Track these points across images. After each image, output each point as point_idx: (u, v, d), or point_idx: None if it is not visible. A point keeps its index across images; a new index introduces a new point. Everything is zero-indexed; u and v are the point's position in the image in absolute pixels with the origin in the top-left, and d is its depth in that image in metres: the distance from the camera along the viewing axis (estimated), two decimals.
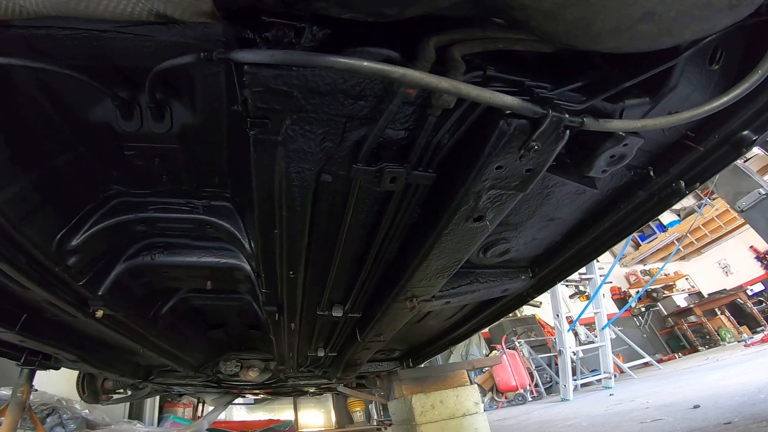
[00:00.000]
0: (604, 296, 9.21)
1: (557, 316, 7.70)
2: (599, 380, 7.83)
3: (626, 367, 8.68)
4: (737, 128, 1.23)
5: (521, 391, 8.62)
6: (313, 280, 1.70)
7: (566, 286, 11.56)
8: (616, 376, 7.74)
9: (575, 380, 7.54)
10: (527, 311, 11.22)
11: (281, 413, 9.43)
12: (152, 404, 7.18)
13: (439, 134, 1.04)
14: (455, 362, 5.00)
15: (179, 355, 2.58)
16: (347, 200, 1.24)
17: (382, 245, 1.48)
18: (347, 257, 1.58)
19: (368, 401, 8.85)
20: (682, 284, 14.62)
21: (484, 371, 9.12)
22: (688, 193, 1.39)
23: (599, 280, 8.61)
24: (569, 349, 7.54)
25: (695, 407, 3.25)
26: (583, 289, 11.70)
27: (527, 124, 0.90)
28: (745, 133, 1.23)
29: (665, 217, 13.42)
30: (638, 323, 13.05)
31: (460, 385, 3.57)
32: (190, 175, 1.43)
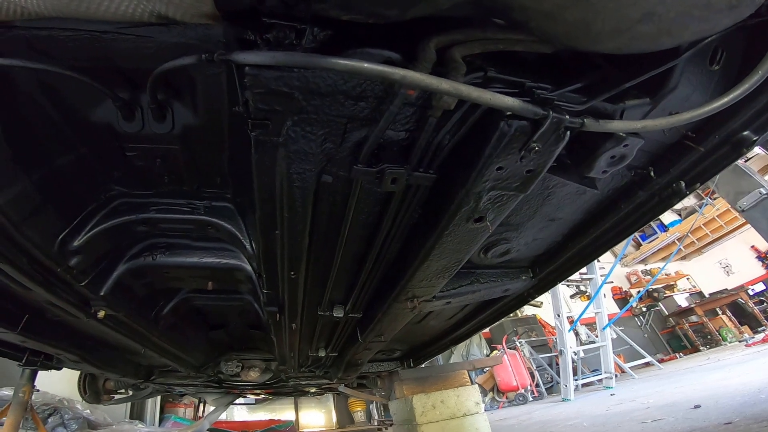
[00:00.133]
0: (605, 296, 9.20)
1: (558, 316, 7.69)
2: (600, 380, 7.82)
3: (627, 367, 8.67)
4: (738, 128, 1.23)
5: (522, 391, 8.61)
6: (314, 280, 1.70)
7: (567, 286, 11.56)
8: (617, 376, 7.73)
9: (576, 380, 7.53)
10: (528, 311, 11.21)
11: (282, 413, 9.42)
12: (153, 404, 7.18)
13: (439, 135, 1.04)
14: (456, 362, 5.00)
15: (180, 355, 2.58)
16: (348, 201, 1.24)
17: (382, 246, 1.49)
18: (348, 258, 1.58)
19: (369, 401, 8.85)
20: (683, 284, 14.59)
21: (485, 371, 9.11)
22: (688, 193, 1.39)
23: (600, 279, 8.60)
24: (570, 349, 7.54)
25: (696, 407, 3.25)
26: (584, 289, 11.70)
27: (528, 125, 0.91)
28: (745, 133, 1.23)
29: (666, 216, 13.39)
30: (639, 323, 13.03)
31: (460, 385, 3.57)
32: (191, 175, 1.44)
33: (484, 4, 0.79)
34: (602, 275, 8.77)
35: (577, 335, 9.90)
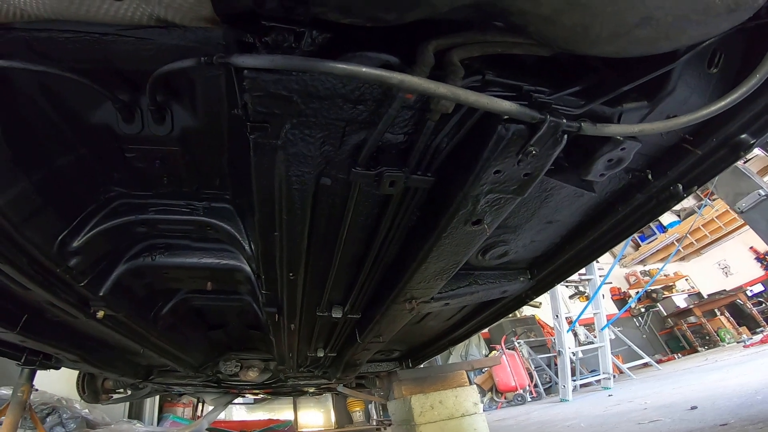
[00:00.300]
0: (603, 297, 9.21)
1: (557, 316, 7.70)
2: (598, 381, 7.83)
3: (625, 367, 8.67)
4: (735, 131, 1.23)
5: (520, 391, 8.62)
6: (312, 281, 1.70)
7: (566, 286, 11.56)
8: (615, 376, 7.74)
9: (574, 381, 7.55)
10: (527, 312, 11.22)
11: (281, 413, 9.43)
12: (152, 404, 7.18)
13: (437, 138, 1.05)
14: (454, 363, 5.00)
15: (179, 355, 2.58)
16: (347, 203, 1.24)
17: (381, 248, 1.49)
18: (347, 259, 1.58)
19: (368, 401, 8.85)
20: (681, 285, 14.60)
21: (483, 371, 9.12)
22: (686, 196, 1.39)
23: (599, 280, 8.60)
24: (569, 349, 7.55)
25: (693, 408, 3.26)
26: (582, 289, 11.71)
27: (525, 129, 0.91)
28: (743, 136, 1.23)
29: (665, 217, 13.40)
30: (638, 324, 13.04)
31: (459, 385, 3.58)
32: (190, 177, 1.44)
33: (482, 7, 0.79)
34: (601, 276, 8.77)
35: (575, 336, 9.90)
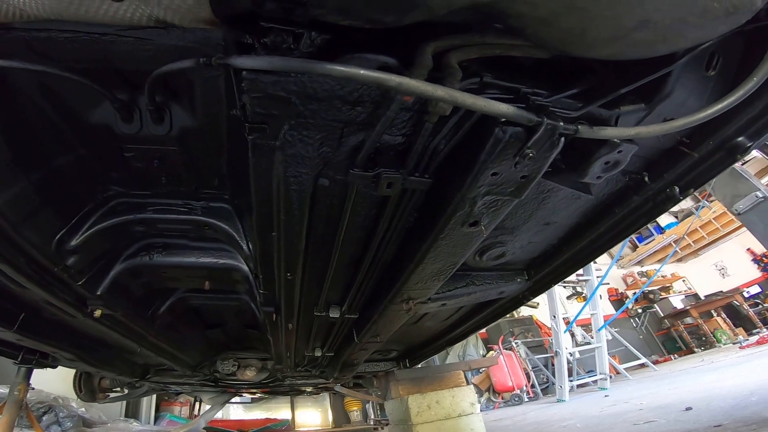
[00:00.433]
0: (601, 297, 9.22)
1: (554, 317, 7.71)
2: (595, 381, 7.84)
3: (622, 368, 8.69)
4: (732, 134, 1.24)
5: (518, 391, 8.64)
6: (310, 281, 1.71)
7: (563, 287, 11.59)
8: (611, 377, 7.76)
9: (571, 381, 7.57)
10: (524, 312, 11.24)
11: (278, 412, 9.42)
12: (149, 403, 7.17)
13: (435, 140, 1.05)
14: (452, 363, 5.01)
15: (177, 354, 2.58)
16: (344, 204, 1.25)
17: (378, 248, 1.49)
18: (344, 260, 1.58)
19: (365, 401, 8.85)
20: (678, 286, 14.63)
21: (480, 371, 9.14)
22: (682, 198, 1.40)
23: (596, 281, 8.62)
24: (566, 350, 7.57)
25: (688, 409, 3.27)
26: (580, 290, 11.74)
27: (522, 131, 0.91)
28: (740, 139, 1.23)
29: (663, 219, 13.44)
30: (635, 324, 13.07)
31: (456, 385, 3.58)
32: (189, 176, 1.44)
33: (480, 10, 0.79)
34: (598, 277, 8.80)
35: (572, 336, 9.93)
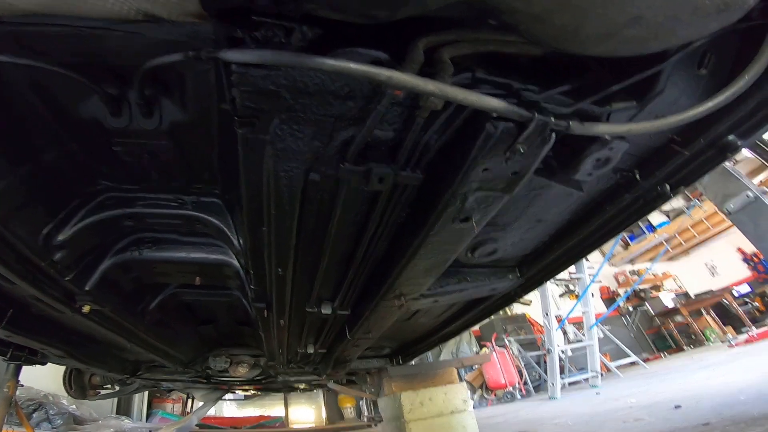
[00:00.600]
0: (593, 295, 9.29)
1: (546, 314, 7.76)
2: (586, 379, 7.90)
3: (613, 366, 8.77)
4: (723, 132, 1.24)
5: (510, 388, 8.69)
6: (301, 277, 1.70)
7: (556, 285, 11.67)
8: (603, 375, 7.82)
9: (563, 379, 7.62)
10: (517, 309, 11.31)
11: (272, 409, 9.43)
12: (141, 400, 7.15)
13: (426, 135, 1.04)
14: (445, 360, 5.03)
15: (168, 350, 2.57)
16: (335, 199, 1.24)
17: (370, 244, 1.49)
18: (336, 255, 1.58)
19: (359, 398, 8.87)
20: (669, 284, 14.77)
21: (474, 369, 9.18)
22: (673, 196, 1.41)
23: (588, 279, 8.68)
24: (558, 347, 7.62)
25: (677, 407, 3.29)
26: (572, 288, 11.82)
27: (514, 127, 0.91)
28: (731, 137, 1.24)
29: (654, 217, 13.55)
30: (626, 322, 13.18)
31: (449, 382, 3.59)
32: (179, 171, 1.43)
33: (474, 5, 0.79)
34: (590, 275, 8.85)
35: (564, 334, 10.00)
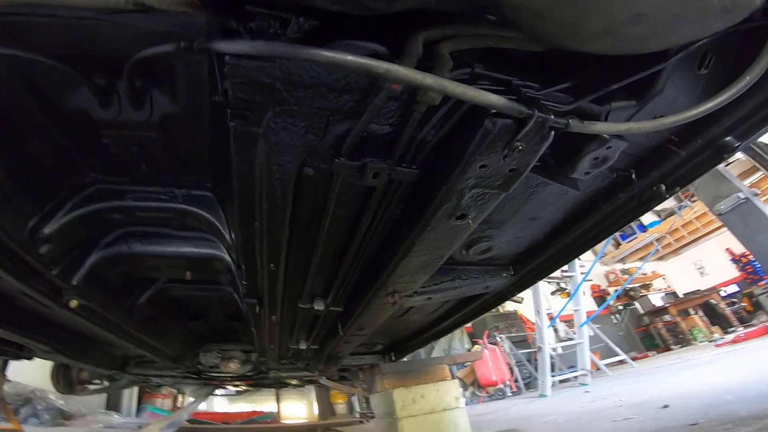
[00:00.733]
0: (584, 294, 9.35)
1: (538, 312, 7.79)
2: (576, 377, 7.95)
3: (602, 364, 8.84)
4: (720, 134, 1.24)
5: (501, 386, 8.74)
6: (294, 273, 1.68)
7: (548, 283, 11.70)
8: (592, 373, 7.88)
9: (553, 376, 7.65)
10: (509, 307, 11.35)
11: (263, 404, 9.40)
12: (130, 395, 7.09)
13: (423, 131, 1.03)
14: (437, 357, 5.03)
15: (157, 345, 2.54)
16: (329, 194, 1.22)
17: (363, 240, 1.47)
18: (329, 251, 1.56)
19: (351, 394, 8.88)
20: (658, 284, 14.91)
21: (465, 366, 9.22)
22: (668, 196, 1.41)
23: (580, 277, 8.72)
24: (549, 345, 7.66)
25: (665, 407, 3.31)
26: (564, 286, 11.88)
27: (512, 123, 0.90)
28: (728, 138, 1.24)
29: (646, 217, 13.64)
30: (615, 321, 13.29)
31: (441, 379, 3.59)
32: (170, 164, 1.40)
33: (474, 0, 0.78)
34: (582, 273, 8.89)
35: (555, 332, 10.07)
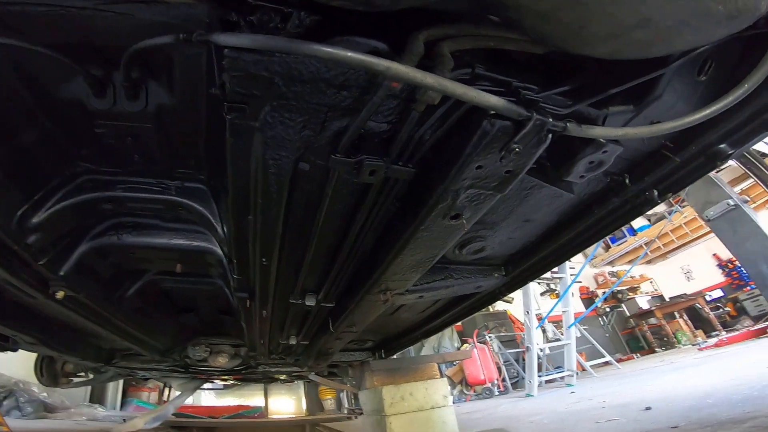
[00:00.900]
0: (573, 295, 9.43)
1: (527, 312, 7.84)
2: (562, 377, 8.03)
3: (588, 365, 8.94)
4: (715, 141, 1.25)
5: (489, 385, 8.80)
6: (286, 268, 1.67)
7: (538, 283, 11.80)
8: (578, 373, 7.96)
9: (540, 376, 7.72)
10: (499, 306, 11.42)
11: (251, 399, 9.38)
12: (115, 388, 7.02)
13: (421, 130, 1.03)
14: (426, 355, 5.05)
15: (145, 338, 2.51)
16: (324, 190, 1.22)
17: (357, 237, 1.47)
18: (322, 247, 1.55)
19: (340, 390, 8.88)
20: (646, 287, 15.10)
21: (454, 364, 9.26)
22: (660, 202, 1.42)
23: (570, 279, 8.80)
24: (537, 345, 7.71)
25: (647, 409, 3.34)
26: (554, 287, 11.98)
27: (510, 125, 0.90)
28: (722, 146, 1.25)
29: (636, 221, 13.78)
30: (602, 323, 13.43)
31: (430, 377, 3.60)
32: (164, 155, 1.38)
33: (478, 0, 0.77)
34: (572, 275, 8.97)
35: (544, 332, 10.15)
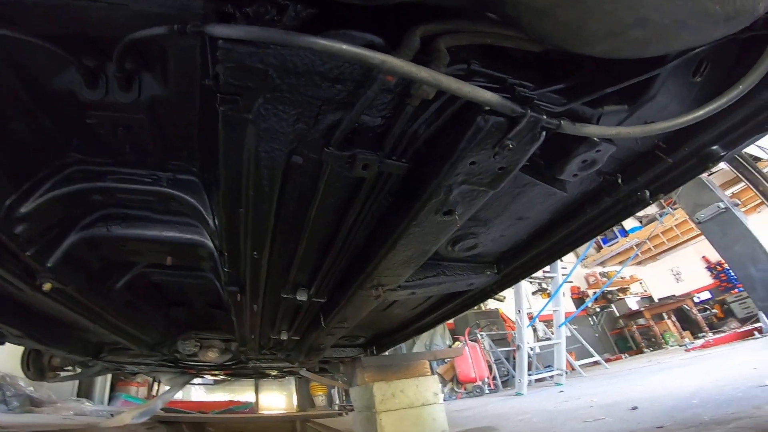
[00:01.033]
0: (564, 295, 9.50)
1: (519, 311, 7.88)
2: (552, 376, 8.09)
3: (577, 364, 9.02)
4: (708, 142, 1.26)
5: (480, 383, 8.85)
6: (278, 262, 1.67)
7: (530, 282, 11.88)
8: (567, 373, 8.02)
9: (530, 375, 7.77)
10: (491, 305, 11.47)
11: (242, 394, 9.34)
12: (103, 382, 6.96)
13: (415, 124, 1.03)
14: (418, 352, 5.07)
15: (133, 332, 2.48)
16: (317, 184, 1.21)
17: (350, 232, 1.47)
18: (314, 241, 1.55)
19: (331, 386, 8.89)
20: (636, 288, 15.29)
21: (446, 362, 9.31)
22: (652, 202, 1.43)
23: (561, 278, 8.86)
24: (527, 344, 7.76)
25: (634, 409, 3.36)
26: (545, 286, 12.07)
27: (504, 122, 0.90)
28: (714, 147, 1.25)
29: (628, 222, 13.94)
30: (592, 323, 13.57)
31: (421, 375, 3.62)
32: (156, 147, 1.36)
33: None
34: (564, 274, 9.04)
35: (534, 331, 10.22)
